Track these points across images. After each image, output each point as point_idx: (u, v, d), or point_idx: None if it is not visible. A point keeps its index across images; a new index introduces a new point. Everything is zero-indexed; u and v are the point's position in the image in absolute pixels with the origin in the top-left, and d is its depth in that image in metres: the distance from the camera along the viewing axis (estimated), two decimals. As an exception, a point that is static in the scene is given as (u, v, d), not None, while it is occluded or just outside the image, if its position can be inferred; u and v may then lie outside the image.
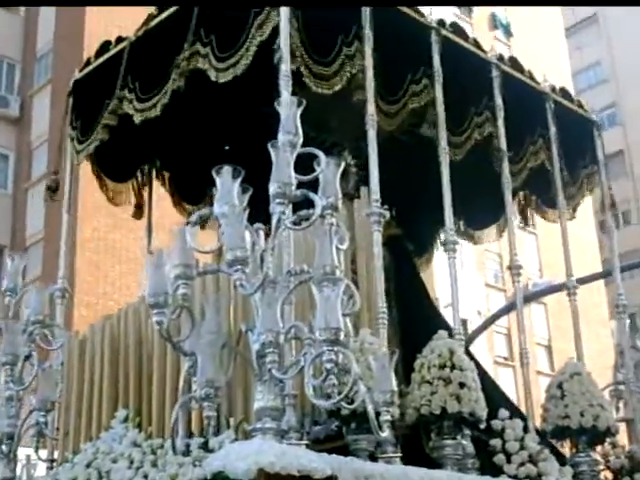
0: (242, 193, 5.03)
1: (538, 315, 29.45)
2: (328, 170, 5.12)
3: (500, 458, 5.97)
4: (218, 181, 4.94)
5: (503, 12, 35.16)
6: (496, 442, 6.03)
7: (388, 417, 4.81)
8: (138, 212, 7.96)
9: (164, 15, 6.95)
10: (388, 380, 4.89)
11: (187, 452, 4.98)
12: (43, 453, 6.47)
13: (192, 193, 8.34)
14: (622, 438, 7.59)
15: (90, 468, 5.35)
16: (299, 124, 5.22)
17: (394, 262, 7.29)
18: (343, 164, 7.57)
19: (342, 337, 4.32)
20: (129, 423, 5.58)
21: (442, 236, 8.97)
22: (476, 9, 33.91)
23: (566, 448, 6.85)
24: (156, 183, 8.17)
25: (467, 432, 5.95)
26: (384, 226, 7.43)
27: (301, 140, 5.21)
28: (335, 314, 4.33)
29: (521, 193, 8.82)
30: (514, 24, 35.10)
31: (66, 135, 7.39)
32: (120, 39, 7.20)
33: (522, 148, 7.63)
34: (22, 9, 27.27)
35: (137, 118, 6.96)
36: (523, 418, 6.52)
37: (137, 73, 7.01)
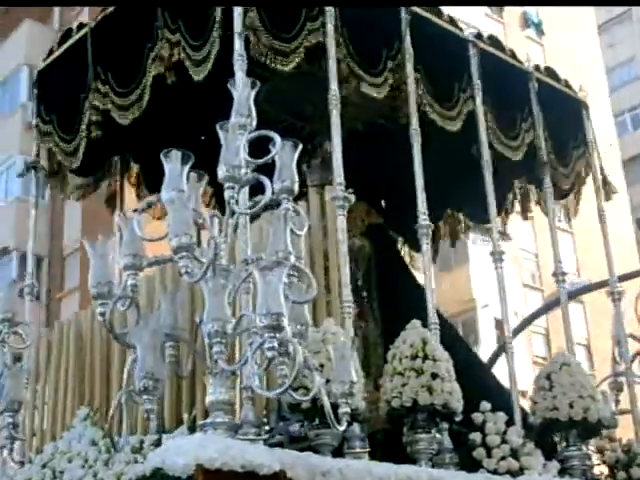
0: (198, 180, 4.83)
1: (577, 314, 29.04)
2: (284, 153, 4.88)
3: (480, 452, 5.69)
4: (166, 166, 4.71)
5: (534, 11, 34.75)
6: (475, 436, 5.75)
7: (347, 409, 4.55)
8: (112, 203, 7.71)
9: None
10: (347, 371, 4.64)
11: (140, 449, 4.77)
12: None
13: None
14: (627, 432, 7.28)
15: (46, 468, 5.15)
16: (252, 106, 5.01)
17: (375, 252, 7.04)
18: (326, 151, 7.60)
19: (284, 323, 4.06)
20: (88, 421, 5.37)
21: (443, 227, 8.79)
22: (507, 8, 33.52)
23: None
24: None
25: (444, 426, 5.70)
26: (364, 215, 7.26)
27: (255, 122, 4.99)
28: (277, 299, 4.09)
29: (517, 182, 8.54)
30: (546, 22, 34.64)
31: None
32: (81, 25, 6.97)
33: (514, 128, 7.33)
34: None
35: (122, 119, 6.71)
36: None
37: (107, 63, 6.79)
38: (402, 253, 8.27)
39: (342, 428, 4.56)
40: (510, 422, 6.07)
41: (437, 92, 6.72)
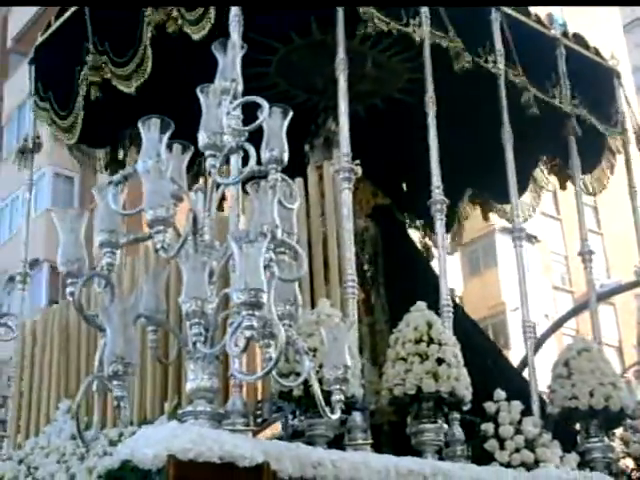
0: (183, 151, 4.46)
1: (607, 316, 28.53)
2: (272, 120, 4.49)
3: (492, 444, 5.27)
4: (144, 135, 4.34)
5: (559, 12, 34.24)
6: (487, 426, 5.34)
7: (340, 397, 4.15)
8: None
9: None
10: (341, 354, 4.23)
11: (118, 442, 4.40)
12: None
13: None
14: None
15: (22, 464, 4.80)
16: (239, 70, 4.63)
17: (382, 235, 6.64)
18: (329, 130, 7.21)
19: (264, 299, 3.67)
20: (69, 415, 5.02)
21: (462, 210, 8.37)
22: (532, 9, 33.02)
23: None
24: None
25: (455, 416, 5.29)
26: (369, 196, 6.87)
27: (241, 87, 4.61)
28: (257, 274, 3.70)
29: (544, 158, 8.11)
30: (571, 23, 34.10)
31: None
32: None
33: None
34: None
35: (126, 87, 6.39)
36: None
37: (104, 32, 6.45)
38: (419, 242, 7.89)
39: (335, 417, 4.16)
40: (528, 412, 5.67)
41: None
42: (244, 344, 3.73)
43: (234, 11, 5.44)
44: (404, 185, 7.63)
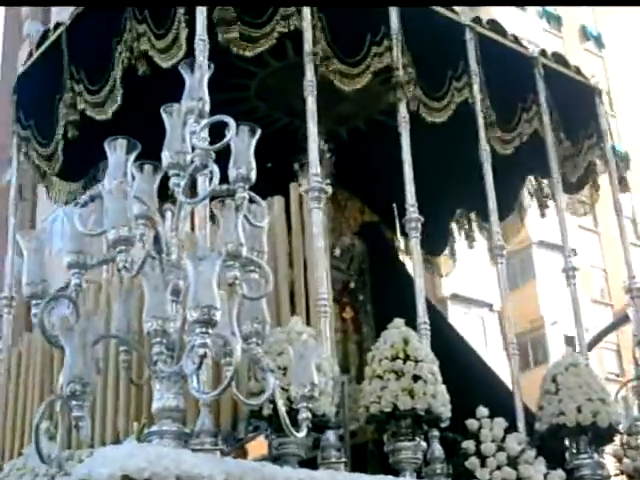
0: (154, 171, 4.47)
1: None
2: (240, 138, 4.50)
3: (472, 462, 5.21)
4: (110, 156, 4.36)
5: (593, 24, 34.11)
6: (468, 444, 5.28)
7: (306, 415, 4.12)
8: None
9: None
10: (307, 371, 4.21)
11: (87, 463, 4.38)
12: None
13: None
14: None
15: (-5, 487, 4.80)
16: (206, 90, 4.64)
17: (369, 252, 6.62)
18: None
19: (217, 317, 3.66)
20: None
21: (456, 228, 8.35)
22: (565, 22, 32.93)
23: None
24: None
25: (435, 433, 5.25)
26: (357, 213, 6.86)
27: (208, 107, 4.61)
28: (210, 290, 3.69)
29: (531, 178, 8.09)
30: (605, 35, 33.98)
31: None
32: (58, 25, 6.69)
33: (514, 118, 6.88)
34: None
35: (100, 114, 6.44)
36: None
37: (80, 61, 6.50)
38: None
39: (300, 435, 4.14)
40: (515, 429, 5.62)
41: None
42: (198, 362, 3.70)
43: (199, 31, 5.45)
44: (394, 204, 7.61)
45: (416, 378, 4.93)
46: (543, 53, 7.21)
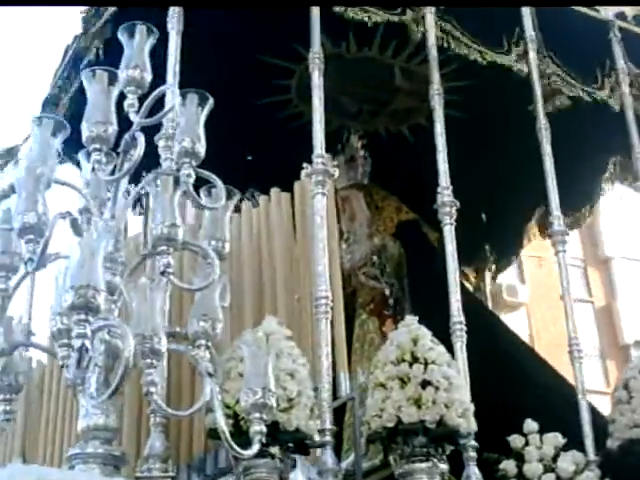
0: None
1: None
2: (186, 108, 3.82)
3: (512, 486, 4.25)
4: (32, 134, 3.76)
5: None
6: (507, 464, 4.32)
7: (259, 427, 3.34)
8: None
9: None
10: (261, 375, 3.43)
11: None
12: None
13: None
14: None
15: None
16: (147, 59, 3.97)
17: (407, 253, 5.77)
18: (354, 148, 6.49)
19: (99, 300, 2.92)
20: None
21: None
22: None
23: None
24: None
25: (472, 454, 4.30)
26: (393, 213, 6.08)
27: (149, 78, 3.94)
28: (92, 270, 2.97)
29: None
30: None
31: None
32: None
33: None
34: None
35: None
36: None
37: None
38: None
39: (250, 453, 3.34)
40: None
41: None
42: (76, 357, 2.98)
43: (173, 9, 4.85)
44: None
45: (425, 384, 4.03)
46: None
